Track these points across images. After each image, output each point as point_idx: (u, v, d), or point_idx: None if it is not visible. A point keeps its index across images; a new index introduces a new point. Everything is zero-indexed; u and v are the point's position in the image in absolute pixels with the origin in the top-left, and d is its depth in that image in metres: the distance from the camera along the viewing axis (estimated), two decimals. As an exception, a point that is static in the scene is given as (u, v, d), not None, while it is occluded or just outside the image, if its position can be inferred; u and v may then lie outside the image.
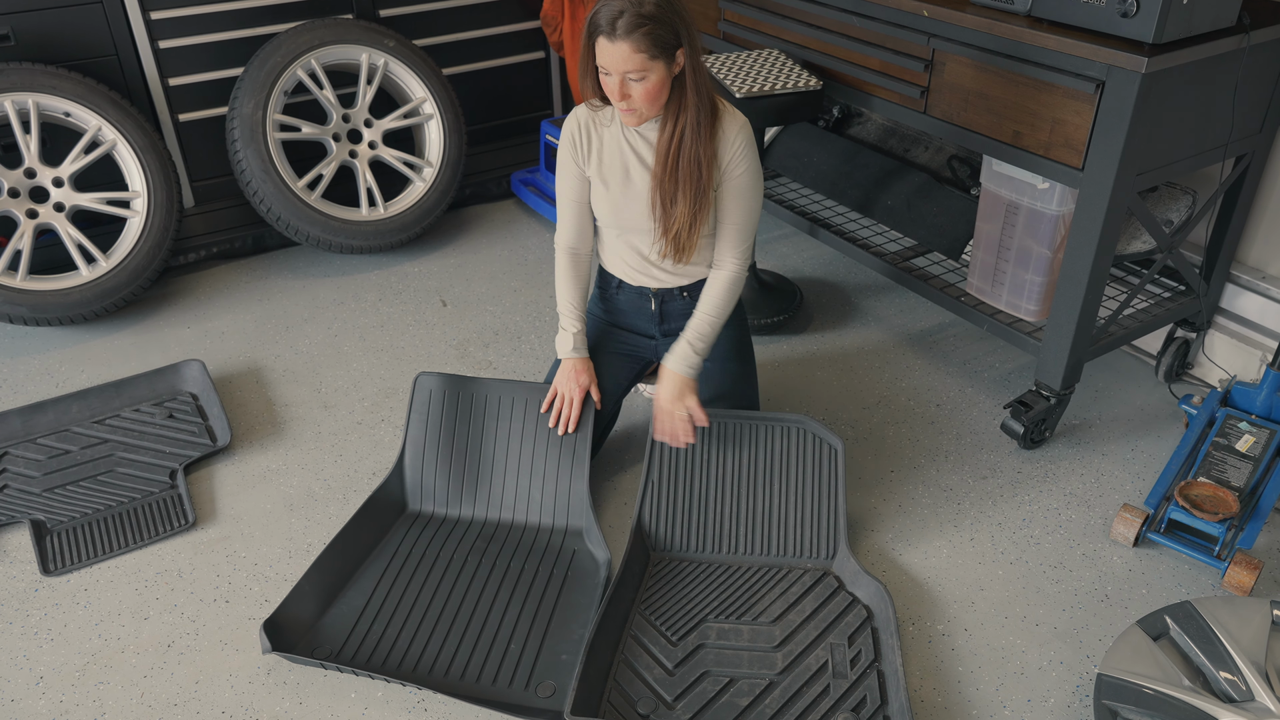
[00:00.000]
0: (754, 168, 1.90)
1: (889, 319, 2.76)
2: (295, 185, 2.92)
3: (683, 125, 1.81)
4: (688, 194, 1.85)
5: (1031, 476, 2.17)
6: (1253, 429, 2.10)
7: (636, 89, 1.75)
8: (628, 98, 1.76)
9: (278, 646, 1.70)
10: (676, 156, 1.83)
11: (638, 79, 1.74)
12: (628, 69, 1.72)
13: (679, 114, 1.81)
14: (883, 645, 1.72)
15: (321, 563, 1.87)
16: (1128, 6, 1.79)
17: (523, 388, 2.09)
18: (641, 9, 1.68)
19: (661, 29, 1.70)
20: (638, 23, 1.68)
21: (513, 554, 1.96)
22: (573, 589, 1.88)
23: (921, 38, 2.18)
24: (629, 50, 1.69)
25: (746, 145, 1.87)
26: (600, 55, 1.73)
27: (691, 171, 1.83)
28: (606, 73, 1.75)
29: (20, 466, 2.19)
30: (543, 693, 1.67)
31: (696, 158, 1.83)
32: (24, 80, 2.64)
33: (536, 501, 2.04)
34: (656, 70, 1.74)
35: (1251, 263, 2.37)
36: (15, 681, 1.72)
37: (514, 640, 1.77)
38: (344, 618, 1.81)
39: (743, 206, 1.92)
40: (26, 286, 2.62)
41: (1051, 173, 2.01)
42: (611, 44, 1.70)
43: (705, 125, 1.81)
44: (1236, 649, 1.60)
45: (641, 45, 1.69)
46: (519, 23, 3.57)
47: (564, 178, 1.98)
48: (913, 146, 2.88)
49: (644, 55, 1.70)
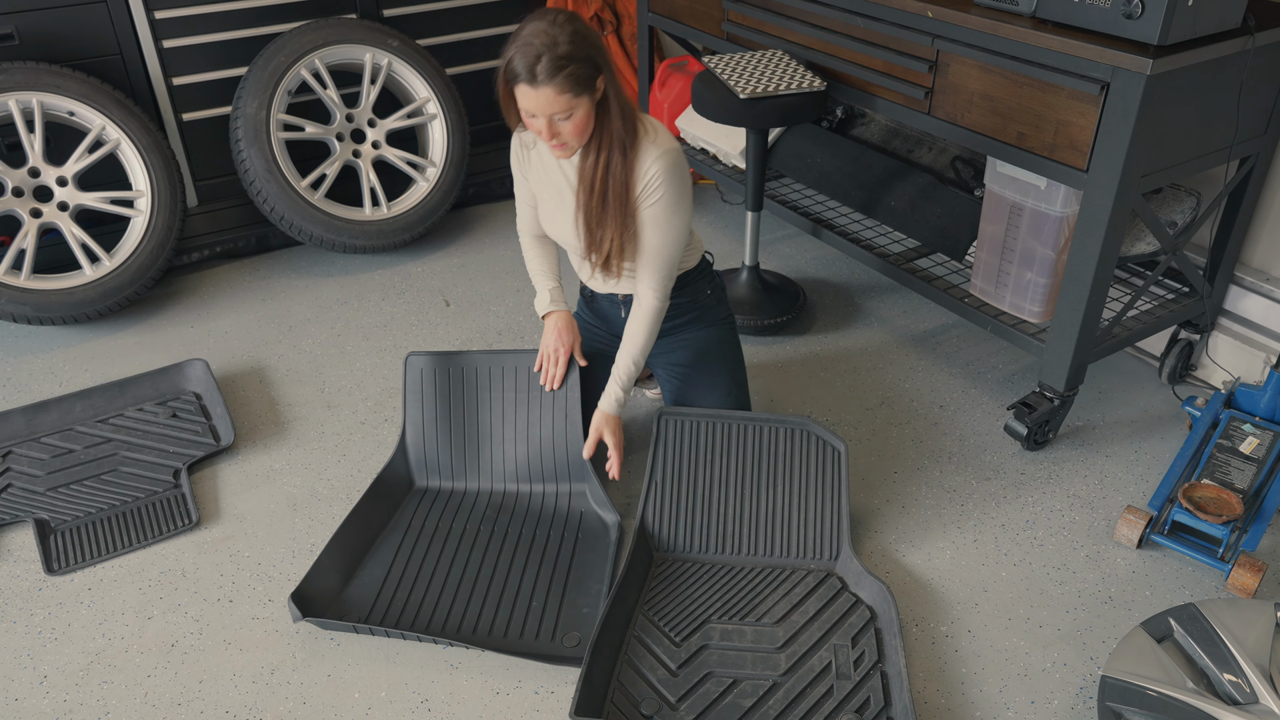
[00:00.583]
0: (669, 198, 1.83)
1: (892, 320, 2.76)
2: (299, 185, 2.92)
3: (607, 150, 1.78)
4: (616, 218, 1.82)
5: (1035, 478, 2.16)
6: (1256, 431, 2.10)
7: (565, 127, 1.72)
8: (557, 135, 1.74)
9: (308, 614, 1.75)
10: (604, 182, 1.80)
11: (565, 118, 1.71)
12: (553, 111, 1.69)
13: (602, 139, 1.78)
14: (886, 646, 1.72)
15: (339, 539, 1.93)
16: (1132, 8, 1.79)
17: (509, 356, 2.13)
18: (557, 50, 1.64)
19: (581, 66, 1.67)
20: (558, 65, 1.65)
21: (523, 520, 2.03)
22: (586, 549, 1.96)
23: (926, 39, 2.18)
24: (553, 94, 1.67)
25: (663, 174, 1.80)
26: (522, 101, 1.70)
27: (619, 195, 1.80)
28: (532, 115, 1.72)
29: (24, 465, 2.20)
30: (568, 642, 1.75)
31: (623, 181, 1.80)
32: (28, 79, 2.64)
33: (537, 467, 2.10)
34: (582, 105, 1.71)
35: (1255, 264, 2.37)
36: (19, 681, 1.72)
37: (535, 598, 1.85)
38: (367, 588, 1.87)
39: (658, 236, 1.86)
40: (30, 286, 2.62)
41: (1056, 174, 2.00)
42: (534, 90, 1.66)
43: (630, 148, 1.79)
44: (1240, 651, 1.60)
45: (564, 86, 1.66)
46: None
47: (517, 181, 2.03)
48: (916, 147, 2.88)
49: (568, 95, 1.67)
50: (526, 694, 1.68)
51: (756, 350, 2.63)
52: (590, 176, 1.81)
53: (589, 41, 1.69)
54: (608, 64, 1.74)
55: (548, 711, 1.65)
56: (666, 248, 1.88)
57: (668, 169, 1.81)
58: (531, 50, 1.66)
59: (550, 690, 1.69)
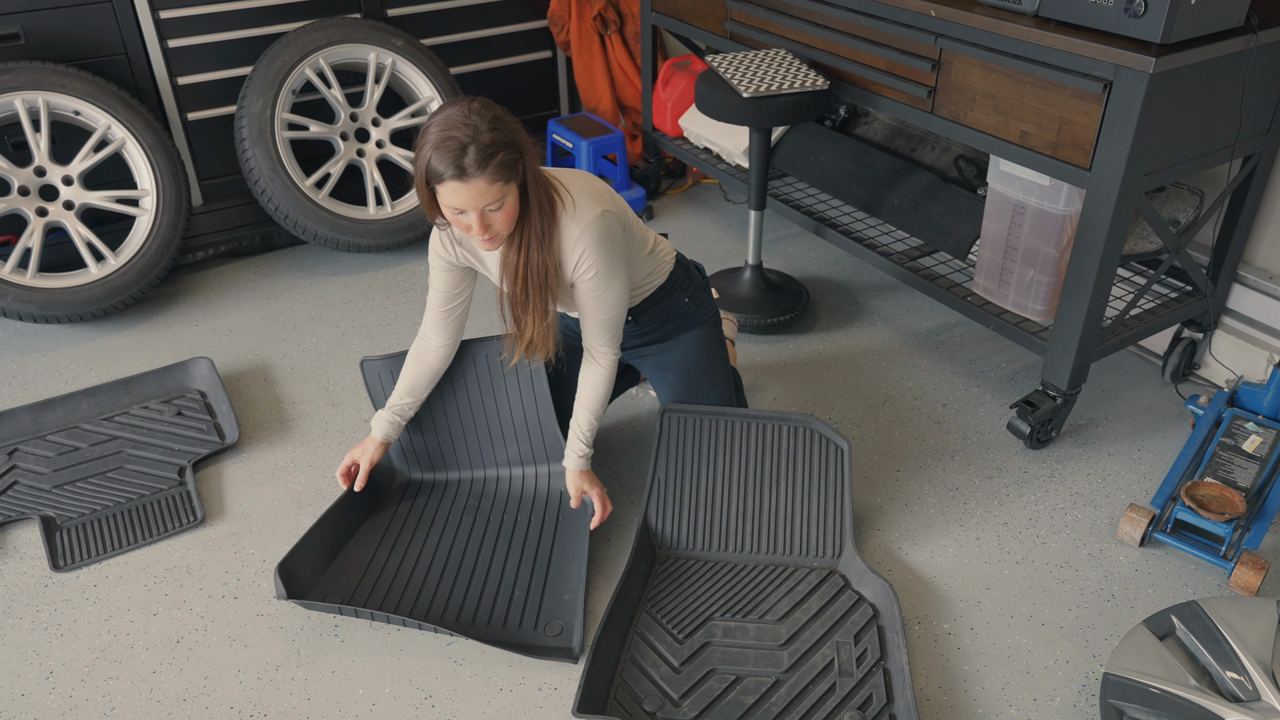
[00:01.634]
0: (602, 270, 1.78)
1: (895, 318, 2.76)
2: (303, 184, 2.93)
3: (528, 237, 1.72)
4: (539, 305, 1.78)
5: (1038, 476, 2.17)
6: (1259, 429, 2.10)
7: (496, 218, 1.65)
8: (488, 228, 1.66)
9: (293, 594, 1.77)
10: (526, 270, 1.74)
11: (496, 209, 1.64)
12: (486, 203, 1.61)
13: (522, 231, 1.72)
14: (889, 644, 1.72)
15: (322, 525, 1.94)
16: (1136, 6, 1.79)
17: (466, 345, 2.10)
18: (480, 139, 1.57)
19: (507, 153, 1.61)
20: (487, 154, 1.58)
21: (504, 506, 2.07)
22: (565, 532, 1.99)
23: (929, 37, 2.18)
24: (484, 185, 1.59)
25: (591, 248, 1.75)
26: (451, 197, 1.61)
27: (539, 283, 1.75)
28: (461, 211, 1.63)
29: (30, 463, 2.21)
30: (550, 632, 1.78)
31: (543, 266, 1.74)
32: (34, 79, 2.65)
33: (514, 451, 2.13)
34: (511, 192, 1.65)
35: (1259, 263, 2.37)
36: (25, 676, 1.73)
37: (517, 586, 1.88)
38: (350, 574, 1.90)
39: (597, 305, 1.83)
40: (36, 284, 2.63)
41: (1059, 173, 2.01)
42: (465, 184, 1.58)
43: (548, 231, 1.73)
44: (1243, 648, 1.60)
45: (495, 175, 1.60)
46: (526, 22, 3.57)
47: (434, 271, 1.92)
48: (919, 146, 2.88)
49: (499, 184, 1.61)
50: (530, 690, 1.69)
51: (760, 349, 2.63)
52: (514, 265, 1.75)
53: (509, 125, 1.63)
54: (528, 145, 1.67)
55: (551, 708, 1.66)
56: (608, 312, 1.85)
57: (594, 241, 1.75)
58: (454, 143, 1.57)
59: (554, 686, 1.69)
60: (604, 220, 1.77)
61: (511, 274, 1.77)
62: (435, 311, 1.96)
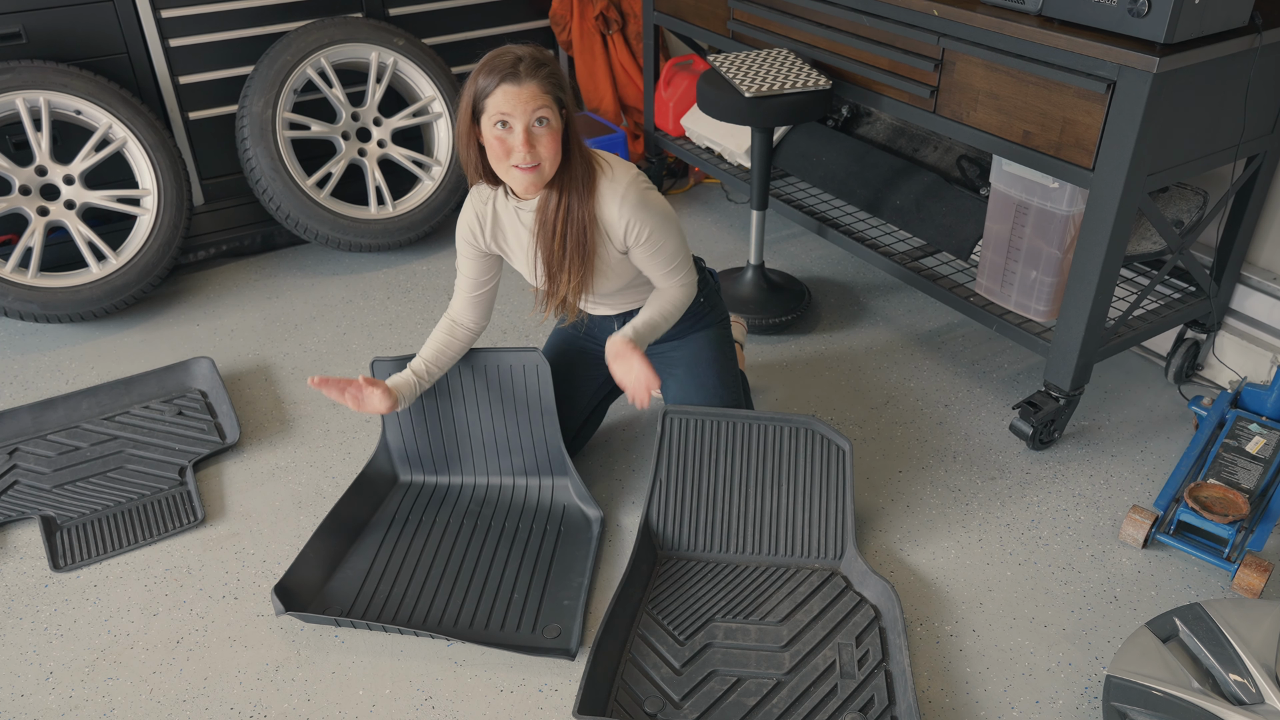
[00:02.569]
0: (654, 227, 1.81)
1: (897, 319, 2.75)
2: (304, 183, 2.93)
3: (568, 194, 1.76)
4: (576, 260, 1.80)
5: (1040, 477, 2.16)
6: (1263, 431, 2.09)
7: (542, 136, 1.67)
8: (533, 149, 1.67)
9: (290, 608, 1.76)
10: (565, 223, 1.77)
11: (544, 123, 1.67)
12: (536, 107, 1.65)
13: (563, 181, 1.75)
14: (890, 645, 1.72)
15: (322, 533, 1.94)
16: (1139, 6, 1.78)
17: (478, 355, 2.11)
18: (536, 54, 1.66)
19: (557, 74, 1.68)
20: (539, 62, 1.66)
21: (505, 514, 2.06)
22: (568, 542, 1.98)
23: (931, 37, 2.17)
24: (536, 89, 1.65)
25: (635, 212, 1.78)
26: (502, 104, 1.65)
27: (578, 237, 1.78)
28: (507, 120, 1.66)
29: (31, 463, 2.21)
30: (549, 633, 1.77)
31: (582, 220, 1.77)
32: (35, 78, 2.65)
33: (518, 462, 2.13)
34: (556, 118, 1.68)
35: (1262, 264, 2.36)
36: (25, 677, 1.73)
37: (516, 590, 1.87)
38: (350, 581, 1.89)
39: (662, 259, 1.85)
40: (37, 284, 2.63)
41: (1062, 173, 2.00)
42: (518, 87, 1.63)
43: (589, 185, 1.77)
44: (1246, 651, 1.60)
45: (546, 85, 1.66)
46: (528, 21, 3.57)
47: (461, 258, 1.95)
48: (922, 146, 2.87)
49: (550, 95, 1.66)
50: (530, 691, 1.69)
51: (761, 349, 2.63)
52: (552, 220, 1.78)
53: (557, 62, 1.71)
54: (570, 97, 1.73)
55: (551, 709, 1.65)
56: (672, 261, 1.87)
57: (636, 204, 1.78)
58: (507, 56, 1.65)
59: (554, 688, 1.69)
60: (640, 180, 1.81)
61: (550, 230, 1.78)
62: (464, 296, 1.99)
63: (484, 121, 1.69)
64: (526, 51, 1.66)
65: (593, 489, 2.14)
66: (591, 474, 2.19)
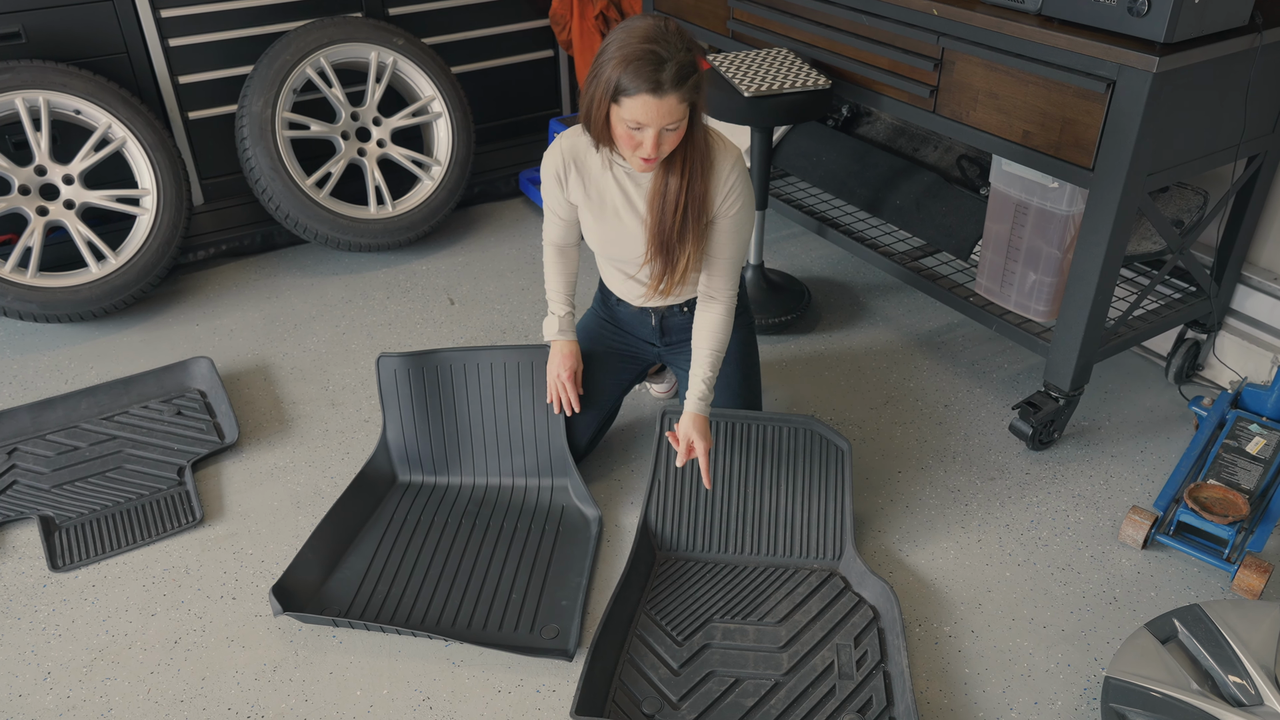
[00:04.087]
0: (749, 201, 1.83)
1: (897, 319, 2.75)
2: (304, 183, 2.93)
3: (691, 167, 1.73)
4: (695, 231, 1.80)
5: (1040, 478, 2.16)
6: (1263, 431, 2.08)
7: (670, 138, 1.65)
8: (659, 147, 1.65)
9: (289, 608, 1.76)
10: (686, 199, 1.75)
11: (674, 128, 1.64)
12: (671, 120, 1.61)
13: (688, 154, 1.73)
14: (889, 646, 1.71)
15: (321, 532, 1.94)
16: (1139, 6, 1.78)
17: (485, 353, 2.13)
18: (678, 57, 1.57)
19: (699, 82, 1.62)
20: (684, 73, 1.58)
21: (504, 514, 2.05)
22: (566, 542, 1.97)
23: (931, 36, 2.17)
24: (675, 102, 1.59)
25: (740, 180, 1.80)
26: (638, 112, 1.59)
27: (698, 209, 1.78)
28: (640, 127, 1.62)
29: (29, 463, 2.20)
30: (547, 634, 1.77)
31: (703, 193, 1.77)
32: (34, 78, 2.65)
33: (519, 462, 2.12)
34: (686, 116, 1.65)
35: (1263, 264, 2.35)
36: (23, 677, 1.73)
37: (514, 590, 1.86)
38: (348, 581, 1.89)
39: (737, 241, 1.85)
40: (36, 284, 2.63)
41: (1062, 173, 2.00)
42: (658, 99, 1.57)
43: (709, 161, 1.77)
44: (1245, 653, 1.59)
45: (686, 96, 1.59)
46: (528, 21, 3.57)
47: (549, 198, 1.95)
48: (922, 146, 2.87)
49: (686, 105, 1.62)
50: (528, 692, 1.68)
51: (761, 349, 2.62)
52: (674, 194, 1.74)
53: (696, 49, 1.62)
54: (704, 95, 1.69)
55: (549, 710, 1.65)
56: (740, 251, 1.87)
57: (742, 173, 1.80)
58: (653, 58, 1.55)
59: (552, 689, 1.69)
60: (744, 160, 1.82)
61: (672, 202, 1.76)
62: (559, 225, 1.99)
63: (617, 112, 1.63)
64: (673, 56, 1.57)
65: (591, 489, 2.14)
66: (590, 474, 2.19)
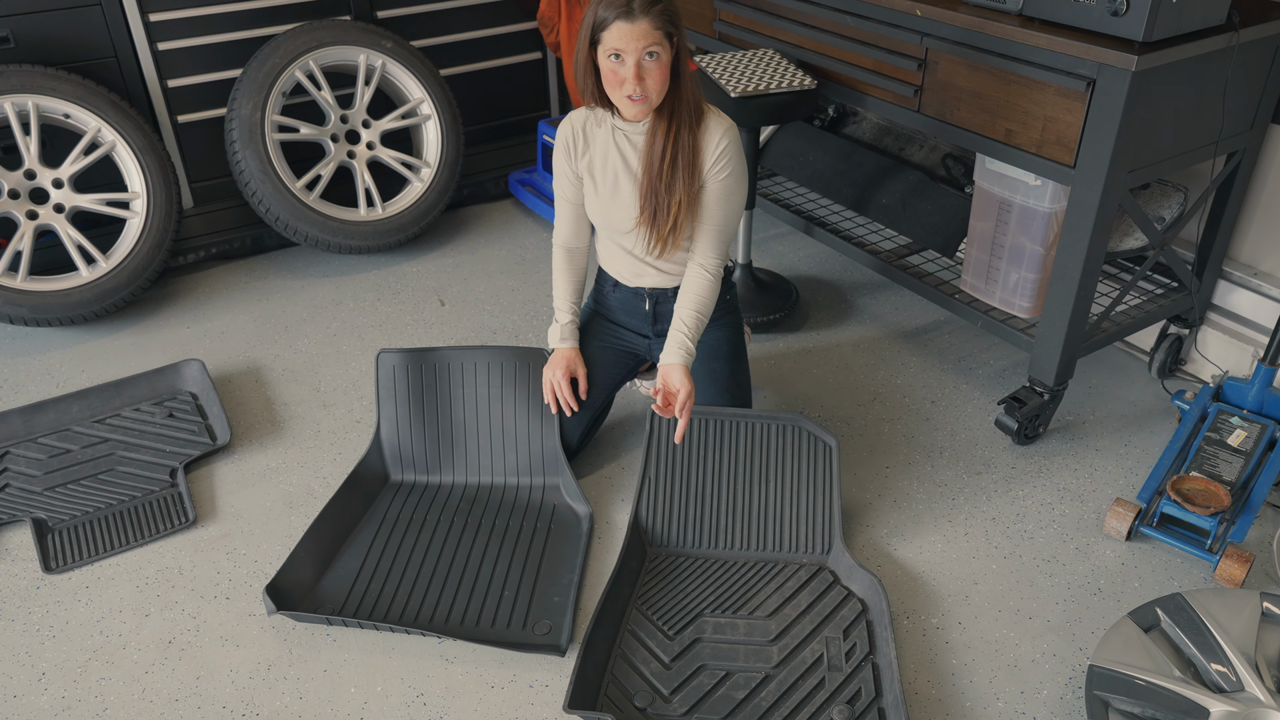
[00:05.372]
0: (738, 170, 1.93)
1: (884, 316, 2.77)
2: (294, 186, 2.94)
3: (679, 119, 1.86)
4: (686, 182, 1.89)
5: (1025, 472, 2.18)
6: (1244, 424, 2.11)
7: (652, 69, 1.79)
8: (642, 81, 1.79)
9: (282, 607, 1.77)
10: (675, 147, 1.87)
11: (654, 57, 1.78)
12: (647, 44, 1.76)
13: (675, 107, 1.86)
14: (877, 638, 1.74)
15: (314, 532, 1.96)
16: (1118, 5, 1.80)
17: (482, 352, 2.16)
18: None
19: (671, 8, 1.79)
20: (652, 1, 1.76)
21: (496, 512, 2.07)
22: (557, 539, 1.99)
23: (914, 37, 2.19)
24: (649, 27, 1.75)
25: (731, 146, 1.90)
26: (616, 40, 1.76)
27: (687, 163, 1.88)
28: (620, 54, 1.77)
29: (21, 465, 2.21)
30: (539, 630, 1.79)
31: (692, 150, 1.88)
32: (24, 82, 2.65)
33: (512, 461, 2.14)
34: (666, 51, 1.79)
35: (1243, 259, 2.38)
36: (17, 678, 1.73)
37: (507, 587, 1.88)
38: (341, 580, 1.90)
39: (725, 208, 1.94)
40: (27, 287, 2.63)
41: (1044, 170, 2.02)
42: (631, 24, 1.74)
43: (695, 117, 1.88)
44: (1226, 640, 1.62)
45: (658, 22, 1.76)
46: (516, 24, 3.58)
47: (559, 179, 2.04)
48: (907, 145, 2.89)
49: (661, 31, 1.77)
50: (521, 687, 1.70)
51: (750, 347, 2.64)
52: (662, 145, 1.87)
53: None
54: (682, 30, 1.82)
55: (542, 705, 1.67)
56: (730, 218, 1.96)
57: (734, 142, 1.91)
58: None
59: (545, 684, 1.70)
60: (738, 132, 1.93)
61: (659, 154, 1.87)
62: (569, 219, 2.09)
63: (599, 51, 1.80)
64: None
65: (582, 485, 2.16)
66: (581, 471, 2.20)
